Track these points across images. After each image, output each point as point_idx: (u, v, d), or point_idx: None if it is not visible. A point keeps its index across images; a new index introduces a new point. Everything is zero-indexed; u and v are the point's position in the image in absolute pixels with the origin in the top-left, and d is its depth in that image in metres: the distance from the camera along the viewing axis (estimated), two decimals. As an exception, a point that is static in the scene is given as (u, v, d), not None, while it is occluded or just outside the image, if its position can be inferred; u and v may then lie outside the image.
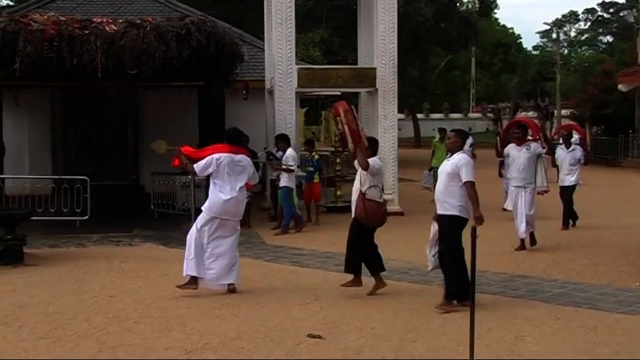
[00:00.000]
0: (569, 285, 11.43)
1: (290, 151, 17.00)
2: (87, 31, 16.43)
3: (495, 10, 49.65)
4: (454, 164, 10.08)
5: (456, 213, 9.98)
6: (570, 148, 17.51)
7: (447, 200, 10.01)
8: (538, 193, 15.04)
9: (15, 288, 11.33)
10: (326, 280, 12.05)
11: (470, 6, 46.67)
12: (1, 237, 13.23)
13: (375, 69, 20.21)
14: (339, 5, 35.87)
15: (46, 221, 16.86)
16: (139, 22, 17.03)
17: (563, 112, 57.29)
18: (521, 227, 14.35)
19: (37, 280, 11.96)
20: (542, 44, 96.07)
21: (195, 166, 10.90)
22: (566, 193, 17.27)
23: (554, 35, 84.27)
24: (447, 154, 10.83)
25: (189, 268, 10.76)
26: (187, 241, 10.88)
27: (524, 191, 14.37)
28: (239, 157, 11.06)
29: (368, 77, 20.38)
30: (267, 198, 19.49)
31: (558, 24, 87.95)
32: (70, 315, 9.68)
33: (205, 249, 10.84)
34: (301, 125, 31.64)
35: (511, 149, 14.62)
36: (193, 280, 10.79)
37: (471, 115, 71.39)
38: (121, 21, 17.14)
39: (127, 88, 20.76)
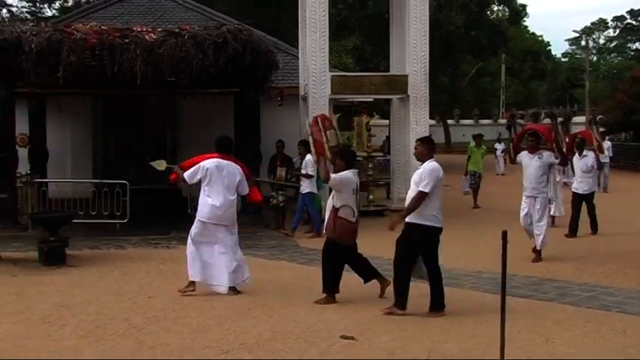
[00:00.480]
0: (599, 289, 11.31)
1: (309, 157, 16.83)
2: (127, 40, 16.56)
3: (525, 19, 49.29)
4: (419, 173, 9.85)
5: (427, 223, 9.75)
6: (582, 155, 17.02)
7: (420, 210, 9.71)
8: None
9: (58, 288, 11.45)
10: (358, 282, 11.99)
11: (500, 14, 46.44)
12: (45, 239, 13.38)
13: (406, 76, 20.18)
14: (371, 14, 35.84)
15: (87, 224, 17.00)
16: (177, 30, 17.14)
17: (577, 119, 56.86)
18: (538, 239, 13.67)
19: (79, 280, 12.06)
20: (571, 51, 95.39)
21: (185, 174, 11.04)
22: (582, 200, 16.80)
23: (583, 43, 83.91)
24: (481, 158, 10.81)
25: (193, 274, 10.97)
26: (187, 249, 11.08)
27: (535, 201, 13.65)
28: (225, 164, 11.08)
29: (400, 84, 20.35)
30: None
31: (587, 32, 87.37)
32: (110, 315, 9.74)
33: (202, 253, 10.99)
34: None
35: (523, 157, 13.87)
36: (192, 283, 10.99)
37: (500, 121, 71.07)
38: (160, 30, 17.25)
39: (166, 95, 20.86)
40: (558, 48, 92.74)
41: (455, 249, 13.12)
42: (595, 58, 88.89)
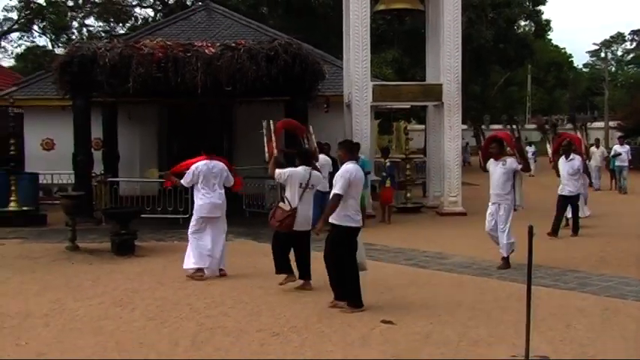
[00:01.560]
0: (616, 279, 11.18)
1: (322, 158, 16.37)
2: (189, 54, 16.75)
3: (549, 33, 48.89)
4: (336, 175, 9.53)
5: (342, 223, 9.34)
6: (569, 158, 15.92)
7: (337, 211, 9.37)
8: (514, 209, 12.75)
9: (128, 276, 11.64)
10: (397, 272, 12.05)
11: (526, 29, 46.08)
12: (117, 232, 13.60)
13: (441, 85, 20.12)
14: (408, 29, 35.74)
15: (154, 218, 17.18)
16: (233, 45, 17.28)
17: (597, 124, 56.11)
18: (502, 246, 12.26)
19: (146, 269, 12.25)
20: (591, 63, 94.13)
21: (182, 181, 11.64)
22: (567, 202, 15.81)
23: (602, 54, 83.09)
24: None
25: (196, 262, 11.42)
26: (189, 241, 11.60)
27: (500, 207, 12.23)
28: (213, 163, 11.66)
29: (435, 92, 20.30)
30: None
31: (606, 44, 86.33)
32: (174, 300, 9.89)
33: (203, 243, 11.46)
34: (375, 135, 31.55)
35: (490, 164, 12.74)
36: (200, 270, 11.40)
37: (527, 126, 70.57)
38: (218, 44, 17.42)
39: (223, 103, 21.03)
40: (580, 59, 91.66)
41: (485, 243, 13.06)
42: (613, 69, 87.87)
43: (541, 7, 44.79)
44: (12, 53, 49.25)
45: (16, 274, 11.81)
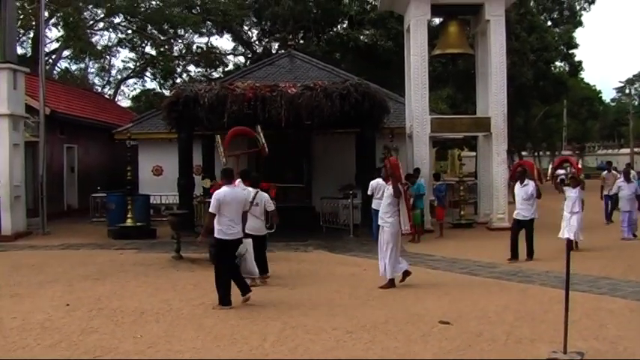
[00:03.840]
0: (643, 285, 10.98)
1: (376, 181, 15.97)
2: (274, 94, 16.98)
3: (581, 72, 48.31)
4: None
5: (217, 235, 9.70)
6: (524, 184, 14.06)
7: (215, 225, 9.69)
8: (402, 234, 11.37)
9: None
10: (453, 279, 11.91)
11: (562, 69, 45.58)
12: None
13: (489, 118, 19.94)
14: (460, 70, 35.50)
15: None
16: (312, 85, 17.45)
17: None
18: (380, 266, 11.19)
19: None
20: (617, 97, 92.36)
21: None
22: (521, 227, 13.96)
23: (627, 90, 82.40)
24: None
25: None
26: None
27: (383, 230, 11.21)
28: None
29: (484, 124, 20.13)
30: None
31: (630, 82, 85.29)
32: (262, 302, 9.95)
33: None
34: (433, 161, 31.35)
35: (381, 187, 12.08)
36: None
37: (563, 152, 69.49)
38: (299, 85, 17.62)
39: (303, 134, 21.17)
40: (607, 94, 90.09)
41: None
42: (637, 102, 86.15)
43: (574, 51, 44.55)
44: (129, 95, 50.95)
45: (132, 278, 12.12)
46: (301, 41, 38.91)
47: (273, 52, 39.73)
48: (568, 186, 15.16)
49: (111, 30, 40.23)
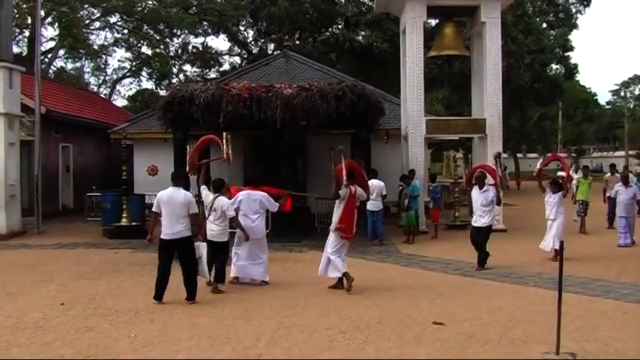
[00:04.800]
0: (635, 287, 11.00)
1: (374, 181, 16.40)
2: (270, 94, 16.94)
3: (577, 74, 48.52)
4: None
5: (160, 235, 10.10)
6: (483, 189, 13.20)
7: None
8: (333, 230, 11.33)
9: (218, 281, 11.78)
10: (447, 280, 11.96)
11: (557, 71, 45.74)
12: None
13: (485, 119, 19.98)
14: (456, 71, 35.54)
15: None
16: (307, 86, 17.41)
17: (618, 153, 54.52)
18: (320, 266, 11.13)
19: (234, 275, 12.36)
20: (613, 100, 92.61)
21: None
22: (480, 234, 13.06)
23: (622, 93, 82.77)
24: (588, 188, 10.31)
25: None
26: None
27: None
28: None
29: (479, 126, 20.17)
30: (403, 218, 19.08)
31: (625, 85, 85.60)
32: (256, 302, 10.01)
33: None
34: (428, 163, 31.39)
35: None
36: (236, 279, 11.57)
37: (558, 154, 69.63)
38: (294, 86, 17.58)
39: (298, 135, 21.16)
40: (603, 97, 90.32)
41: (523, 255, 12.84)
42: (632, 105, 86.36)
43: (570, 53, 44.76)
44: (124, 95, 50.99)
45: (127, 278, 12.15)
46: (297, 42, 38.92)
47: (269, 52, 39.76)
48: (560, 186, 14.47)
49: (107, 29, 40.25)
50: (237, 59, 45.14)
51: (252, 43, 44.33)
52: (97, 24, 39.28)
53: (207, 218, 11.01)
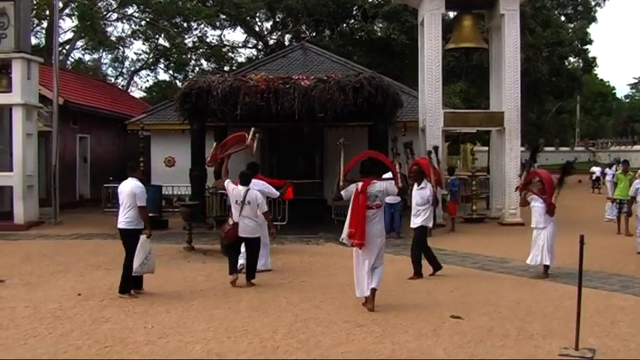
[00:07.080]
0: (654, 282, 10.90)
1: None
2: (287, 86, 16.92)
3: (595, 68, 48.19)
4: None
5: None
6: (420, 186, 11.69)
7: None
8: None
9: (234, 273, 11.75)
10: (465, 273, 11.87)
11: (575, 64, 45.40)
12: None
13: (502, 112, 19.84)
14: (474, 64, 35.34)
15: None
16: (325, 78, 17.37)
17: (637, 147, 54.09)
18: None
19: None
20: (631, 94, 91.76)
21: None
22: (415, 236, 11.75)
23: None
24: (628, 185, 10.06)
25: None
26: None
27: None
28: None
29: (497, 119, 20.03)
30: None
31: None
32: (273, 294, 9.95)
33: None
34: (445, 156, 31.22)
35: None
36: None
37: (576, 148, 69.17)
38: (312, 78, 17.54)
39: (316, 127, 21.12)
40: (621, 91, 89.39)
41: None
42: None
43: (588, 46, 44.46)
44: (142, 87, 51.15)
45: (143, 269, 12.11)
46: (314, 34, 38.81)
47: (286, 44, 39.69)
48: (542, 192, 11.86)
49: (124, 21, 40.30)
50: (254, 51, 45.13)
51: (269, 35, 44.29)
52: (115, 15, 39.35)
53: (240, 214, 10.57)
